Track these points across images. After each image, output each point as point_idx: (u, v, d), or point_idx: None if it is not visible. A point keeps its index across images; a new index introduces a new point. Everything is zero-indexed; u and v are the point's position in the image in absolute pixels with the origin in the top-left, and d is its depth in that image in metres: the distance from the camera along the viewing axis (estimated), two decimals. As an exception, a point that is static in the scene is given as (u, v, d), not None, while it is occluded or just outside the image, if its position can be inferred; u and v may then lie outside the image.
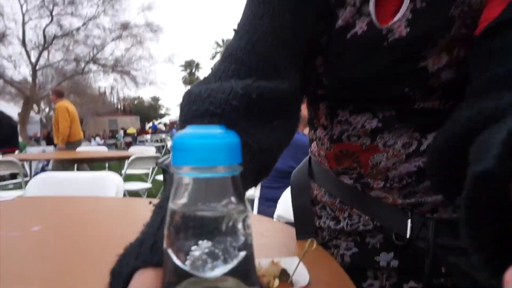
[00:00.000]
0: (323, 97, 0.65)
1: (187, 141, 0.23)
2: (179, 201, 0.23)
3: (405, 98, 0.57)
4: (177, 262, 0.21)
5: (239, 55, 0.50)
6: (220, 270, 0.21)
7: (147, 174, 4.60)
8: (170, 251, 0.22)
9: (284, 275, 0.50)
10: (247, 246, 0.23)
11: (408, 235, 0.60)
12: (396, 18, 0.53)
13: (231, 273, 0.22)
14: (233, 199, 0.24)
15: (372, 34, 0.54)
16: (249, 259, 0.23)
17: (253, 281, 0.23)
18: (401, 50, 0.53)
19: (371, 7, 0.54)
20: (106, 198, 1.44)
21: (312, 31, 0.57)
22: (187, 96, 0.47)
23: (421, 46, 0.53)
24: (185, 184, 0.23)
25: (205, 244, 0.22)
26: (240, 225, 0.24)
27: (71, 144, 5.27)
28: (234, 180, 0.24)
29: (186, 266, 0.21)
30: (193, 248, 0.22)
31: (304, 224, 0.75)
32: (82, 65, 19.80)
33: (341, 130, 0.63)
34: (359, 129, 0.61)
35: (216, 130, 0.24)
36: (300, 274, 0.50)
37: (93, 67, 20.55)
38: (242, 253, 0.22)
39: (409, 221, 0.60)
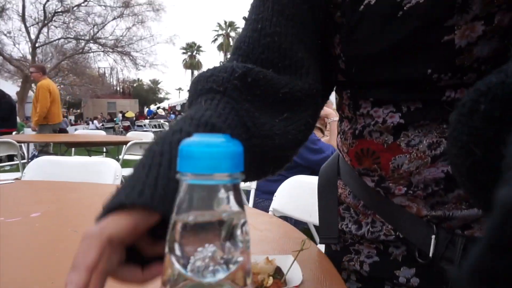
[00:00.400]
0: (344, 84, 0.60)
1: (192, 149, 0.24)
2: (182, 207, 0.24)
3: (429, 84, 0.49)
4: (178, 267, 0.22)
5: (244, 48, 0.49)
6: (219, 275, 0.22)
7: (144, 160, 4.60)
8: (172, 256, 0.23)
9: (278, 273, 0.51)
10: (245, 251, 0.24)
11: (431, 253, 0.53)
12: None
13: (228, 277, 0.23)
14: (233, 205, 0.25)
15: (386, 2, 0.47)
16: (245, 264, 0.24)
17: (246, 285, 0.24)
18: (419, 20, 0.46)
19: None
20: (105, 185, 1.45)
21: (323, 7, 0.52)
22: (194, 79, 0.47)
23: (445, 13, 0.44)
24: (188, 190, 0.24)
25: (205, 250, 0.23)
26: (238, 231, 0.25)
27: (49, 126, 4.91)
28: (235, 188, 0.25)
29: (187, 271, 0.22)
30: (193, 253, 0.23)
31: (328, 226, 0.69)
32: (82, 44, 19.60)
33: (363, 125, 0.57)
34: (380, 124, 0.54)
35: (220, 139, 0.25)
36: (294, 273, 0.51)
37: (93, 46, 20.36)
38: (240, 259, 0.24)
39: (433, 236, 0.53)
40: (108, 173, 1.65)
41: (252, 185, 1.68)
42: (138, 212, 0.30)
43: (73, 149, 4.97)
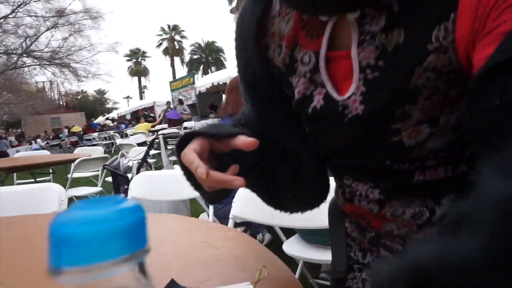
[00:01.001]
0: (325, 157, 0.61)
1: (66, 230, 0.17)
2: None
3: (394, 171, 0.50)
4: None
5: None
6: None
7: (96, 176, 4.34)
8: None
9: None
10: None
11: None
12: (349, 93, 0.47)
13: None
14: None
15: (330, 109, 0.49)
16: None
17: None
18: (363, 127, 0.47)
19: (323, 75, 0.49)
20: (45, 216, 1.31)
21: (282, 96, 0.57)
22: None
23: (384, 122, 0.46)
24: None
25: None
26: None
27: None
28: (141, 268, 0.19)
29: None
30: None
31: (339, 259, 0.69)
32: (14, 58, 18.19)
33: (351, 191, 0.58)
34: (364, 197, 0.55)
35: (108, 208, 0.18)
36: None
37: (27, 60, 18.96)
38: None
39: None
40: (52, 199, 1.52)
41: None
42: (201, 138, 0.50)
43: (14, 174, 4.59)
